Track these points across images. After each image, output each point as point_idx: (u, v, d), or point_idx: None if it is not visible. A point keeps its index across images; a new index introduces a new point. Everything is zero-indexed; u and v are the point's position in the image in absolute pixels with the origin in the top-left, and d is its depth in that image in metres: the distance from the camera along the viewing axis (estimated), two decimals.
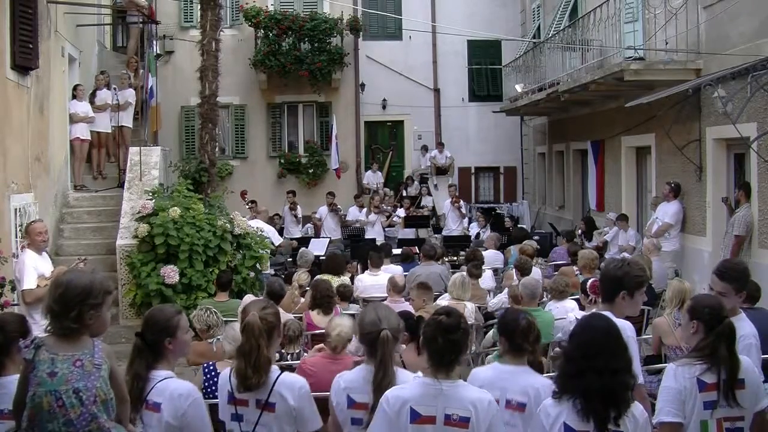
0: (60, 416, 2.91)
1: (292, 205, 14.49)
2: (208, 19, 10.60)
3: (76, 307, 2.99)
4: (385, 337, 3.20)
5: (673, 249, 10.28)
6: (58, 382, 2.93)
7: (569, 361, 2.98)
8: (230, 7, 17.12)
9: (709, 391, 3.22)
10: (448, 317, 3.03)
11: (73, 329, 3.00)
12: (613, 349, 2.91)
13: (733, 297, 3.84)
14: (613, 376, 2.84)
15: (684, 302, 5.59)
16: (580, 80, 11.87)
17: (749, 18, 8.81)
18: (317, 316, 6.46)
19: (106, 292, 3.12)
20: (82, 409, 2.93)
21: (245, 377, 3.24)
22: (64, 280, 3.09)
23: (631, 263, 3.72)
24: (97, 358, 3.02)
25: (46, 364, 2.96)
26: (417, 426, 2.92)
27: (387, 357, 3.20)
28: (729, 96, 8.41)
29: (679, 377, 3.26)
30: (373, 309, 3.45)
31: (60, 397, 2.91)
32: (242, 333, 3.32)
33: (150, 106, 11.52)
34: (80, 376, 2.96)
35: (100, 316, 3.09)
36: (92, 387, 2.96)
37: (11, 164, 8.33)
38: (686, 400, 3.23)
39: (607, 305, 3.64)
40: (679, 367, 3.30)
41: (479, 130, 19.21)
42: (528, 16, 18.29)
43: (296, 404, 3.28)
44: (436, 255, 9.44)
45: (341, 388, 3.29)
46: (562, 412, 2.89)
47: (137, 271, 8.42)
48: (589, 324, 3.08)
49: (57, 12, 10.13)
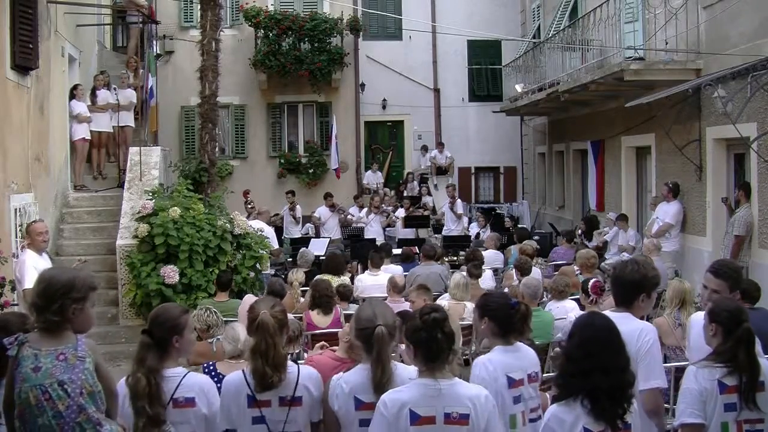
0: (48, 409, 2.93)
1: (292, 206, 14.49)
2: (208, 19, 10.60)
3: (58, 300, 3.02)
4: (380, 333, 3.16)
5: (673, 249, 10.28)
6: (42, 377, 2.94)
7: (571, 361, 2.96)
8: (230, 7, 17.11)
9: (729, 393, 3.23)
10: (433, 313, 3.03)
11: (55, 322, 3.02)
12: (617, 346, 2.93)
13: (727, 295, 3.87)
14: (621, 373, 2.86)
15: (684, 302, 5.60)
16: (580, 80, 11.87)
17: (749, 18, 8.81)
18: (317, 316, 6.47)
19: (89, 288, 3.14)
20: (69, 401, 2.94)
21: (264, 376, 3.19)
22: (47, 275, 3.13)
23: (644, 264, 3.72)
24: (80, 351, 3.04)
25: (30, 359, 2.97)
26: (417, 427, 2.91)
27: (383, 354, 3.16)
28: (729, 96, 8.41)
29: (699, 379, 3.27)
30: (369, 305, 3.41)
31: (46, 391, 2.93)
32: (254, 332, 3.27)
33: (150, 106, 11.52)
34: (64, 369, 2.97)
35: (83, 311, 3.10)
36: (77, 379, 2.97)
37: (11, 164, 8.33)
38: (707, 402, 3.24)
39: (625, 308, 3.64)
40: (699, 369, 3.31)
41: (479, 130, 19.22)
42: (528, 16, 18.29)
43: (317, 394, 3.31)
44: (436, 255, 9.44)
45: (346, 392, 3.20)
46: (580, 417, 2.86)
47: (137, 271, 8.41)
48: (590, 323, 3.07)
49: (57, 12, 10.13)
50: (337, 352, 4.38)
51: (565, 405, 2.91)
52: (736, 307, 3.43)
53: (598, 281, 6.42)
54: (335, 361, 4.49)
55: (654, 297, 3.70)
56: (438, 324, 2.99)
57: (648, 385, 3.39)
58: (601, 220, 12.83)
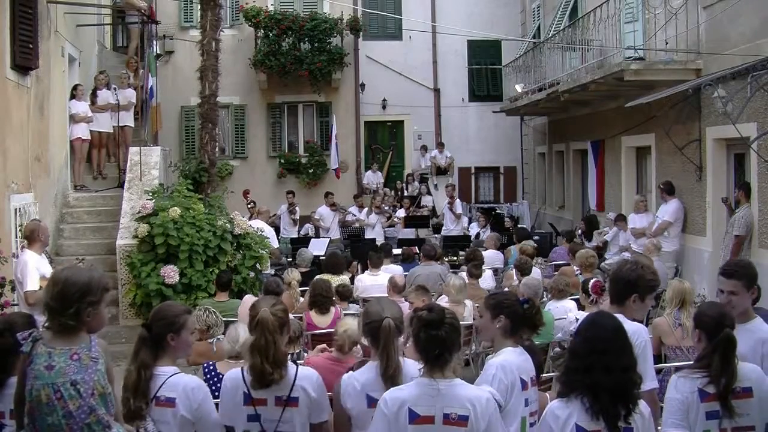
0: (59, 409, 2.91)
1: (291, 207, 14.46)
2: (208, 19, 10.60)
3: (74, 304, 2.98)
4: (388, 325, 3.21)
5: (674, 249, 10.28)
6: (55, 375, 2.92)
7: (575, 357, 2.97)
8: (230, 7, 17.12)
9: (710, 401, 3.20)
10: (429, 312, 3.03)
11: (70, 326, 2.99)
12: (621, 346, 2.92)
13: (745, 294, 3.73)
14: (623, 373, 2.85)
15: (684, 302, 5.60)
16: (580, 80, 11.87)
17: (749, 18, 8.80)
18: (317, 315, 6.47)
19: (104, 289, 3.10)
20: (80, 401, 2.92)
21: (263, 373, 3.18)
22: (62, 277, 3.07)
23: (644, 267, 3.71)
24: (93, 351, 3.02)
25: (44, 357, 2.95)
26: (416, 426, 2.91)
27: (390, 345, 3.20)
28: (729, 96, 8.41)
29: (680, 388, 3.26)
30: (377, 301, 3.49)
31: (58, 390, 2.91)
32: (254, 329, 3.28)
33: (150, 106, 11.52)
34: (77, 368, 2.95)
35: (98, 314, 3.07)
36: (90, 380, 2.95)
37: (11, 164, 8.34)
38: (689, 410, 3.22)
39: (616, 307, 3.63)
40: (681, 378, 3.30)
41: (479, 130, 19.22)
42: (528, 16, 18.28)
43: (315, 395, 3.30)
44: (436, 255, 9.43)
45: (358, 390, 3.23)
46: (573, 413, 2.88)
47: (137, 271, 8.42)
48: (597, 321, 3.08)
49: (57, 12, 10.13)
50: (332, 353, 4.42)
51: (562, 401, 2.94)
52: (719, 313, 3.37)
53: (599, 281, 6.43)
54: (331, 362, 4.51)
55: (648, 302, 3.64)
56: (436, 324, 2.99)
57: (644, 387, 3.37)
58: (600, 220, 12.84)
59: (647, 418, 2.94)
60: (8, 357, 3.30)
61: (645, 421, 2.92)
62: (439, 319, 3.00)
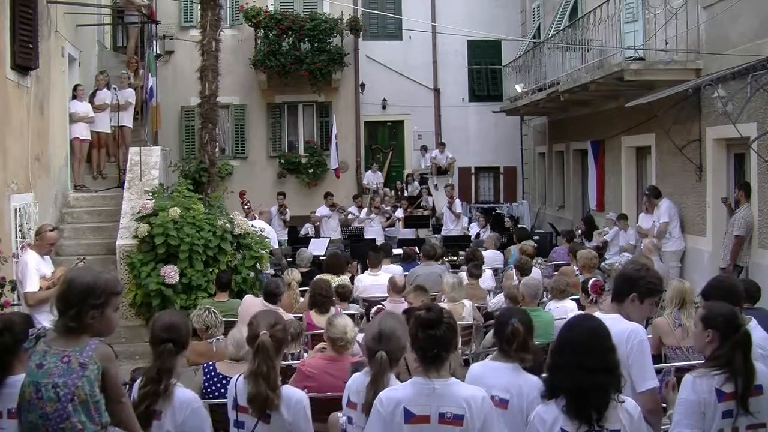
0: (38, 408, 2.90)
1: (282, 208, 14.40)
2: (208, 19, 10.59)
3: (75, 306, 2.97)
4: (379, 359, 3.21)
5: (677, 248, 10.27)
6: (42, 375, 2.92)
7: (551, 358, 3.00)
8: (230, 7, 17.13)
9: (727, 401, 3.19)
10: (427, 312, 3.03)
11: (72, 328, 2.98)
12: (594, 347, 2.90)
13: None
14: (590, 374, 2.82)
15: (684, 302, 5.60)
16: (580, 80, 11.87)
17: (749, 18, 8.81)
18: (317, 315, 6.47)
19: (111, 293, 3.06)
20: (57, 405, 2.89)
21: (267, 399, 3.27)
22: (69, 278, 3.09)
23: (649, 269, 3.69)
24: (84, 357, 2.95)
25: (38, 355, 2.97)
26: (412, 426, 2.91)
27: (379, 378, 3.20)
28: (729, 96, 8.41)
29: (697, 389, 3.22)
30: (379, 323, 3.36)
31: (40, 389, 2.90)
32: (255, 354, 3.35)
33: (150, 106, 11.51)
34: (63, 371, 2.92)
35: (104, 317, 3.03)
36: (72, 385, 2.90)
37: (11, 164, 8.33)
38: (705, 411, 3.20)
39: (616, 305, 3.62)
40: (697, 378, 3.26)
41: (479, 130, 19.22)
42: (528, 16, 18.29)
43: (290, 418, 3.32)
44: (436, 255, 9.43)
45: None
46: (558, 418, 2.87)
47: (137, 271, 8.41)
48: (573, 323, 3.12)
49: (57, 12, 10.12)
50: (327, 352, 4.48)
51: (546, 405, 2.94)
52: (730, 311, 3.37)
53: (598, 281, 6.43)
54: (326, 361, 4.54)
55: (647, 307, 3.60)
56: (434, 323, 2.99)
57: (645, 387, 3.37)
58: (600, 220, 12.83)
59: (636, 418, 2.89)
60: (6, 356, 3.31)
61: (633, 422, 2.87)
62: (437, 319, 3.00)
